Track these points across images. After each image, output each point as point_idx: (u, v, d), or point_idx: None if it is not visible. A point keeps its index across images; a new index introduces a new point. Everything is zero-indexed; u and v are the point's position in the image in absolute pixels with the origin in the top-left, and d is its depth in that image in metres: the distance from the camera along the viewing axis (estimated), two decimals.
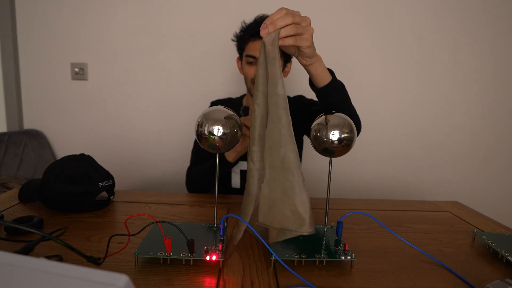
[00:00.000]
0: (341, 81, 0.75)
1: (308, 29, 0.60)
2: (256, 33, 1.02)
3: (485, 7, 1.66)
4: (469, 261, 0.60)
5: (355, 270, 0.55)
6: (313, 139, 0.63)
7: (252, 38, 1.02)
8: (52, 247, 0.56)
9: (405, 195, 1.76)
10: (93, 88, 1.68)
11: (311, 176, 1.69)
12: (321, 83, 0.71)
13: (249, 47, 1.04)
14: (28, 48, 1.65)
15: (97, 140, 1.72)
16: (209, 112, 0.59)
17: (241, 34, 1.08)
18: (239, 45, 1.09)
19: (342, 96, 0.75)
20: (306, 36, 0.60)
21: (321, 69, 0.70)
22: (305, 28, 0.60)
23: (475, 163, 1.79)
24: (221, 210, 0.80)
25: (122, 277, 0.22)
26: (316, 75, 0.70)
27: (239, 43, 1.09)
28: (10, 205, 0.77)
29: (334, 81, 0.72)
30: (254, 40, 1.02)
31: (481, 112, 1.75)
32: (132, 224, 0.69)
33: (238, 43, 1.09)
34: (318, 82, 0.72)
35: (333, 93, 0.73)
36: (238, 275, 0.51)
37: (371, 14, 1.64)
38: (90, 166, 0.78)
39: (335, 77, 0.73)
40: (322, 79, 0.71)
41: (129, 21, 1.62)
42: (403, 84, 1.70)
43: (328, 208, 0.67)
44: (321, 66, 0.69)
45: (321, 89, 0.72)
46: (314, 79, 0.72)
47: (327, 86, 0.71)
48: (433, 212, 0.88)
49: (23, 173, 1.60)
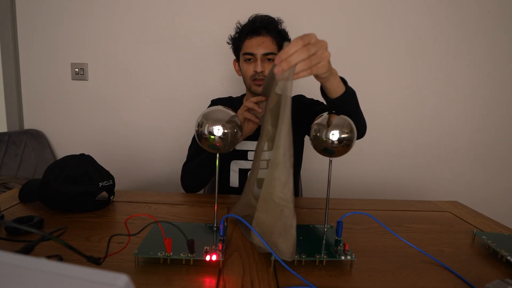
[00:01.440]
0: (352, 88, 0.73)
1: (324, 56, 0.57)
2: (251, 30, 1.03)
3: (484, 7, 1.66)
4: (469, 261, 0.60)
5: (355, 270, 0.55)
6: (313, 139, 0.63)
7: (248, 36, 1.03)
8: (52, 247, 0.56)
9: (405, 195, 1.76)
10: (93, 88, 1.68)
11: (311, 176, 1.69)
12: (335, 94, 0.70)
13: (246, 45, 1.04)
14: (28, 48, 1.65)
15: (97, 140, 1.72)
16: (209, 112, 0.59)
17: (237, 35, 1.08)
18: (236, 45, 1.09)
19: (353, 104, 0.74)
20: (323, 64, 0.57)
21: (336, 82, 0.67)
22: (321, 56, 0.56)
23: (475, 163, 1.79)
24: (221, 210, 0.80)
25: (122, 277, 0.22)
26: (330, 89, 0.68)
27: (236, 44, 1.09)
28: (10, 205, 0.77)
29: (347, 91, 0.70)
30: (250, 37, 1.03)
31: (480, 112, 1.75)
32: (132, 224, 0.69)
33: (235, 44, 1.10)
34: (331, 94, 0.70)
35: (344, 103, 0.71)
36: (238, 275, 0.51)
37: (370, 13, 1.64)
38: (90, 166, 0.78)
39: (348, 87, 0.72)
40: (336, 91, 0.69)
41: (129, 21, 1.62)
42: (403, 84, 1.70)
43: (328, 208, 0.67)
44: (336, 80, 0.67)
45: (334, 100, 0.71)
46: (327, 92, 0.70)
47: (340, 97, 0.70)
48: (433, 212, 0.88)
49: (23, 173, 1.60)
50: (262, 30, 1.02)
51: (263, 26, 1.02)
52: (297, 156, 1.15)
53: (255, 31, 1.02)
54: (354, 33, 1.65)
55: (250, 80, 1.04)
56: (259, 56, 1.01)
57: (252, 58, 1.03)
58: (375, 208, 0.89)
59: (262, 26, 1.02)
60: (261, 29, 1.02)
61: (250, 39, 1.03)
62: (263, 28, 1.02)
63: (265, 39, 1.02)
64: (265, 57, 1.02)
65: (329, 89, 0.69)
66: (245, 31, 1.05)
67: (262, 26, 1.02)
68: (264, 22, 1.03)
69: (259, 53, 1.01)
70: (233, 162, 1.10)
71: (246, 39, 1.04)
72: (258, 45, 1.01)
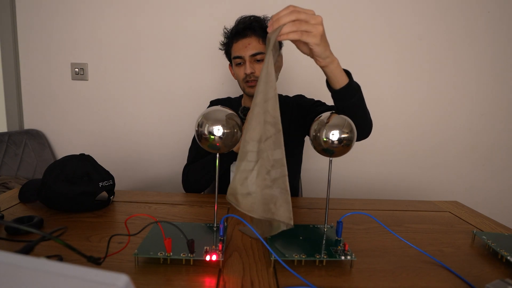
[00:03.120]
0: (357, 83, 0.75)
1: (317, 27, 0.60)
2: (237, 33, 1.02)
3: (484, 7, 1.66)
4: (469, 261, 0.60)
5: (355, 270, 0.55)
6: (313, 139, 0.63)
7: (234, 39, 1.03)
8: (52, 247, 0.56)
9: (405, 195, 1.76)
10: (93, 88, 1.68)
11: (311, 176, 1.69)
12: (337, 85, 0.71)
13: (234, 49, 1.04)
14: (28, 48, 1.65)
15: (97, 140, 1.72)
16: (209, 112, 0.59)
17: (226, 40, 1.08)
18: (226, 50, 1.09)
19: (357, 98, 0.74)
20: (314, 33, 0.60)
21: (338, 71, 0.69)
22: (313, 25, 0.59)
23: (475, 163, 1.79)
24: (221, 210, 0.80)
25: (122, 277, 0.22)
26: (332, 77, 0.70)
27: (226, 49, 1.09)
28: (10, 205, 0.77)
29: (350, 83, 0.72)
30: (237, 40, 1.02)
31: (481, 112, 1.75)
32: (132, 224, 0.69)
33: (225, 49, 1.10)
34: (334, 84, 0.71)
35: (348, 96, 0.72)
36: (238, 275, 0.51)
37: (375, 16, 1.64)
38: (90, 166, 0.78)
39: (352, 79, 0.73)
40: (338, 82, 0.70)
41: (129, 21, 1.62)
42: (402, 85, 1.70)
43: (328, 208, 0.67)
44: (337, 69, 0.69)
45: (337, 91, 0.72)
46: (330, 81, 0.72)
47: (343, 88, 0.71)
48: (433, 212, 0.88)
49: (23, 173, 1.60)
50: (248, 31, 1.01)
51: (247, 27, 1.01)
52: (297, 156, 1.15)
53: (240, 34, 1.02)
54: (354, 33, 1.64)
55: (243, 82, 1.04)
56: (247, 58, 1.00)
57: (241, 61, 1.02)
58: (375, 208, 0.89)
59: (246, 27, 1.01)
60: (246, 30, 1.01)
61: (237, 42, 1.02)
62: (247, 29, 1.01)
63: (251, 40, 1.00)
64: (253, 58, 1.01)
65: (331, 78, 0.70)
66: (231, 35, 1.05)
67: (246, 27, 1.01)
68: (248, 23, 1.01)
69: (247, 55, 1.00)
70: (233, 164, 1.10)
71: (233, 43, 1.04)
72: (245, 47, 1.00)
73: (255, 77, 1.01)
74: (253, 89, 1.02)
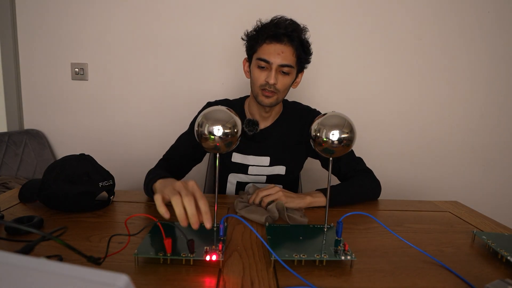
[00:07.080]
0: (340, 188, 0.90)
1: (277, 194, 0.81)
2: (273, 35, 0.90)
3: (484, 7, 1.66)
4: (469, 261, 0.60)
5: (355, 270, 0.55)
6: (313, 139, 0.63)
7: (267, 40, 0.91)
8: (52, 247, 0.56)
9: (405, 195, 1.76)
10: (93, 88, 1.68)
11: (311, 176, 1.69)
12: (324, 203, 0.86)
13: (263, 49, 0.92)
14: (28, 48, 1.65)
15: (97, 140, 1.72)
16: (209, 112, 0.59)
17: (254, 33, 0.95)
18: (250, 45, 0.96)
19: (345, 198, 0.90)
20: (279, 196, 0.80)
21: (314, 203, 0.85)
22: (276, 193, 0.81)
23: (475, 162, 1.79)
24: (221, 210, 0.80)
25: (122, 277, 0.22)
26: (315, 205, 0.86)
27: (251, 43, 0.96)
28: (10, 205, 0.77)
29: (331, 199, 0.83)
30: (269, 42, 0.91)
31: (481, 112, 1.75)
32: (132, 224, 0.69)
33: (250, 43, 0.97)
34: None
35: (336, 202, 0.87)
36: (238, 275, 0.51)
37: (370, 15, 1.64)
38: (90, 166, 0.78)
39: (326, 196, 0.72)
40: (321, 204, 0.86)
41: (129, 21, 1.62)
42: (402, 84, 1.70)
43: (328, 208, 0.67)
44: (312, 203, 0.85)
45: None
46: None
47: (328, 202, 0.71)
48: (433, 212, 0.88)
49: (23, 173, 1.60)
50: (284, 38, 0.90)
51: (286, 33, 0.90)
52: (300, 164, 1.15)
53: (276, 37, 0.90)
54: (354, 33, 1.64)
55: (259, 88, 0.94)
56: (274, 66, 0.90)
57: (267, 66, 0.91)
58: (375, 208, 0.89)
59: (285, 34, 0.90)
60: (284, 36, 0.90)
61: (269, 44, 0.91)
62: (286, 35, 0.90)
63: (286, 49, 0.90)
64: (281, 69, 0.91)
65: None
66: (265, 33, 0.91)
67: (286, 34, 0.90)
68: (289, 30, 0.90)
69: (276, 63, 0.90)
70: (231, 174, 1.07)
71: (264, 43, 0.92)
72: (277, 53, 0.90)
73: (275, 89, 0.92)
74: (267, 99, 0.94)
